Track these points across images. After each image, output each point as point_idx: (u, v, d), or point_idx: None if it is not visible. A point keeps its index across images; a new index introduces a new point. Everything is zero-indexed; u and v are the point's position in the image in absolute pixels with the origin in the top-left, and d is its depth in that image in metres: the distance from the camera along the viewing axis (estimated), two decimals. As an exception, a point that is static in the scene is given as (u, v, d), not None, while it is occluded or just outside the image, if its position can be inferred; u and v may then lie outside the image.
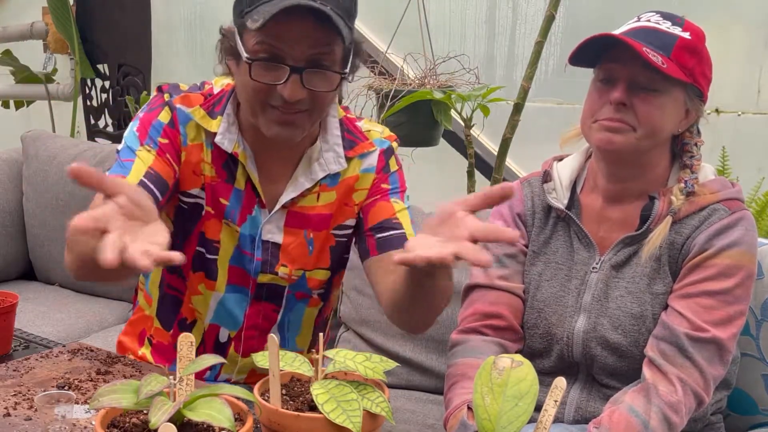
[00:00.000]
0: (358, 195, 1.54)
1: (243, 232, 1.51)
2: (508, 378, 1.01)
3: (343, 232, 1.56)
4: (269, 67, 1.34)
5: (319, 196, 1.52)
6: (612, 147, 1.40)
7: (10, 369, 1.43)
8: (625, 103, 1.37)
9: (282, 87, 1.34)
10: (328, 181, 1.52)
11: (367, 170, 1.54)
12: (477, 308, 1.53)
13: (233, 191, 1.50)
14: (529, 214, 1.55)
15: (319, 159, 1.50)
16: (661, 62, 1.33)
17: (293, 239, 1.52)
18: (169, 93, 1.50)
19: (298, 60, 1.33)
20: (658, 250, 1.41)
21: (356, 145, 1.53)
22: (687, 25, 1.40)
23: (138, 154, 1.43)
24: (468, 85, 2.62)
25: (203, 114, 1.48)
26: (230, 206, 1.50)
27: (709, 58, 1.41)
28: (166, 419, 0.96)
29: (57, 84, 4.04)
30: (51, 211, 2.68)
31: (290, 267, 1.53)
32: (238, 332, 1.58)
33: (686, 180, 1.41)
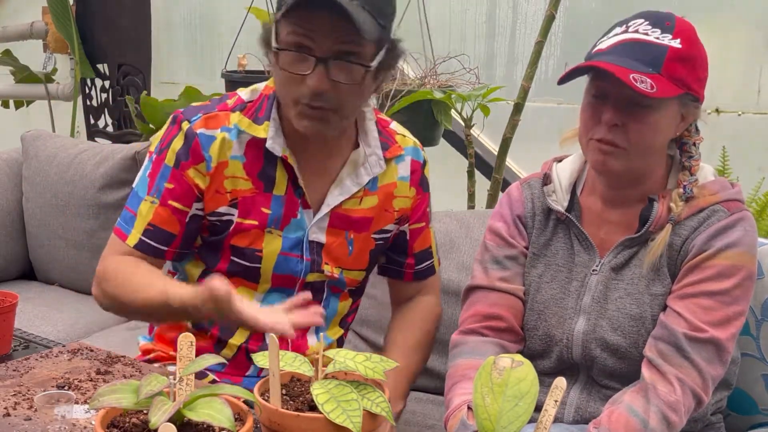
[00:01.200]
0: (398, 202, 1.61)
1: (287, 235, 1.53)
2: (508, 378, 1.01)
3: (382, 236, 1.62)
4: (297, 57, 1.38)
5: (362, 200, 1.56)
6: (606, 169, 1.41)
7: (10, 369, 1.43)
8: (618, 124, 1.36)
9: (309, 77, 1.37)
10: (370, 185, 1.56)
11: (403, 178, 1.61)
12: (477, 309, 1.53)
13: (272, 199, 1.51)
14: (529, 216, 1.54)
15: (365, 163, 1.55)
16: (650, 86, 1.30)
17: (334, 239, 1.56)
18: (187, 120, 1.51)
19: (324, 51, 1.37)
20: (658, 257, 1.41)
21: (389, 147, 1.58)
22: (677, 29, 1.36)
23: (140, 207, 1.51)
24: (468, 85, 2.63)
25: (249, 122, 1.50)
26: (273, 214, 1.51)
27: (702, 56, 1.38)
28: (166, 419, 0.96)
29: (57, 84, 4.04)
30: (51, 211, 2.67)
31: (332, 265, 1.57)
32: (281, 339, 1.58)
33: (685, 185, 1.40)
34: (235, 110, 1.51)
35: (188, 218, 1.51)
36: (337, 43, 1.37)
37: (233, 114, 1.51)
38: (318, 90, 1.38)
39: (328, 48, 1.37)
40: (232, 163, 1.49)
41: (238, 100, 1.54)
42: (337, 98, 1.40)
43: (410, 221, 1.65)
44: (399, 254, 1.67)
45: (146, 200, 1.51)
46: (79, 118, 3.84)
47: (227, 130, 1.50)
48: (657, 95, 1.31)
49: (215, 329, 1.58)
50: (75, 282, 2.67)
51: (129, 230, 1.51)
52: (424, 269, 1.69)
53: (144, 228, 1.50)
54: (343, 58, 1.38)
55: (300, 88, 1.39)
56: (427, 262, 1.69)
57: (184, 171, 1.49)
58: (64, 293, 2.66)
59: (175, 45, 4.13)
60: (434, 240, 1.71)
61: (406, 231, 1.65)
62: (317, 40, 1.36)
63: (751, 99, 2.74)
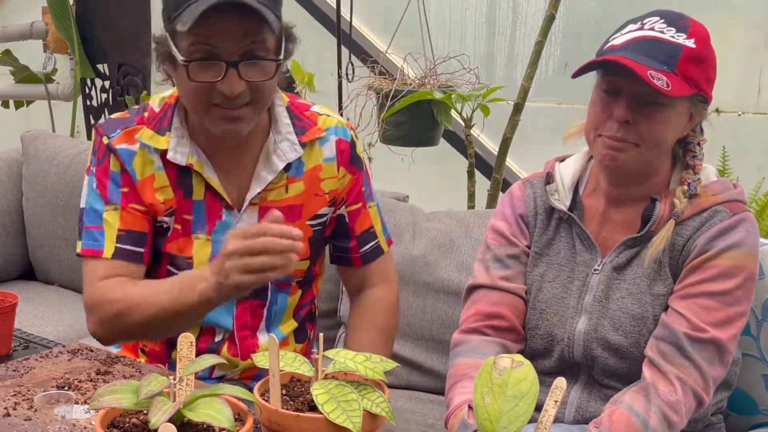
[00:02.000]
0: (327, 184, 1.58)
1: (215, 238, 1.52)
2: (508, 378, 1.00)
3: (318, 221, 1.60)
4: (205, 66, 1.38)
5: (288, 188, 1.55)
6: (615, 164, 1.40)
7: (10, 369, 1.43)
8: (629, 121, 1.36)
9: (221, 83, 1.38)
10: (294, 171, 1.55)
11: (328, 159, 1.58)
12: (479, 309, 1.53)
13: (193, 204, 1.52)
14: (531, 215, 1.54)
15: (276, 150, 1.53)
16: (666, 84, 1.30)
17: None
18: (106, 135, 1.52)
19: (232, 55, 1.37)
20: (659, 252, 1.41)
21: (307, 130, 1.57)
22: (691, 29, 1.37)
23: (105, 218, 1.50)
24: (468, 85, 2.63)
25: (151, 134, 1.51)
26: (195, 219, 1.52)
27: (713, 58, 1.39)
28: (166, 419, 0.96)
29: (57, 84, 4.04)
30: (51, 211, 2.67)
31: None
32: (231, 335, 1.58)
33: (689, 182, 1.40)
34: (147, 123, 1.53)
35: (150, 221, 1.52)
36: (244, 44, 1.38)
37: (144, 126, 1.52)
38: (233, 94, 1.38)
39: (236, 50, 1.37)
40: (158, 174, 1.51)
41: (150, 111, 1.54)
42: (251, 96, 1.41)
43: (346, 203, 1.62)
44: (342, 239, 1.64)
45: (108, 210, 1.50)
46: (79, 118, 3.84)
47: (145, 146, 1.51)
48: (672, 94, 1.31)
49: None
50: (75, 282, 2.67)
51: (101, 245, 1.49)
52: (370, 251, 1.65)
53: (116, 235, 1.49)
54: (252, 57, 1.39)
55: (212, 94, 1.40)
56: (371, 243, 1.66)
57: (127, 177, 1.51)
58: (64, 293, 2.66)
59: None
60: (379, 220, 1.68)
61: (345, 214, 1.63)
62: (223, 45, 1.37)
63: (751, 99, 2.74)
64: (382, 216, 1.70)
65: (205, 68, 1.38)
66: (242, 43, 1.37)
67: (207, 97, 1.40)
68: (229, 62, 1.37)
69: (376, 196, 1.69)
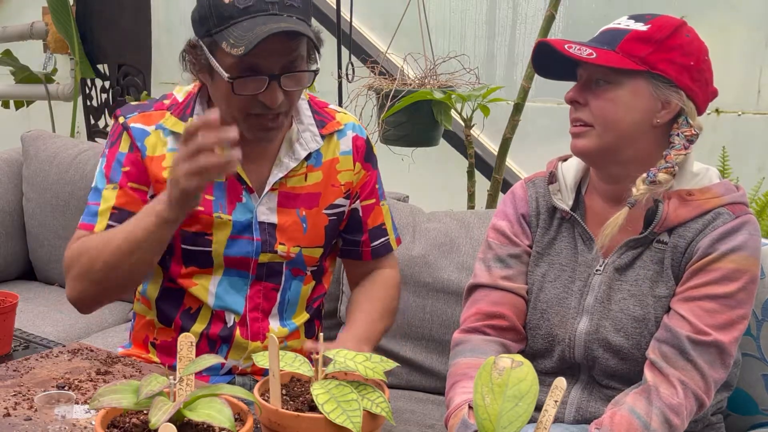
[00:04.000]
0: (343, 176, 1.65)
1: (236, 219, 1.57)
2: (508, 378, 1.01)
3: (334, 211, 1.65)
4: (249, 80, 1.44)
5: (307, 176, 1.61)
6: (579, 151, 1.44)
7: (10, 369, 1.43)
8: (580, 101, 1.41)
9: (263, 95, 1.45)
10: (313, 161, 1.62)
11: (345, 153, 1.66)
12: (480, 308, 1.53)
13: (215, 185, 1.56)
14: (533, 215, 1.54)
15: (299, 140, 1.60)
16: (589, 54, 1.35)
17: (287, 218, 1.60)
18: (123, 116, 1.60)
19: (273, 68, 1.44)
20: (660, 252, 1.41)
21: (326, 123, 1.65)
22: (653, 21, 1.38)
23: (103, 195, 1.56)
24: (468, 85, 2.63)
25: (175, 120, 1.58)
26: (216, 200, 1.56)
27: (685, 45, 1.37)
28: (166, 419, 0.96)
29: (57, 84, 4.04)
30: (51, 211, 2.67)
31: (287, 245, 1.60)
32: (243, 317, 1.60)
33: (650, 170, 1.39)
34: (170, 109, 1.60)
35: (149, 198, 1.55)
36: (285, 59, 1.44)
37: (167, 113, 1.59)
38: (275, 105, 1.45)
39: (278, 65, 1.44)
40: (170, 155, 1.55)
41: (173, 100, 1.62)
42: (288, 104, 1.49)
43: (360, 197, 1.69)
44: (354, 233, 1.70)
45: (107, 189, 1.55)
46: (79, 118, 3.84)
47: (161, 128, 1.58)
48: (597, 62, 1.35)
49: (178, 319, 1.62)
50: (75, 282, 2.67)
51: (95, 220, 1.54)
52: (380, 246, 1.72)
53: (110, 213, 1.54)
54: (293, 70, 1.46)
55: (251, 104, 1.46)
56: (382, 239, 1.73)
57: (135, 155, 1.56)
58: (64, 293, 2.65)
59: (175, 45, 4.12)
60: (390, 219, 1.75)
61: (359, 208, 1.69)
62: (267, 62, 1.43)
63: (751, 99, 2.74)
64: (392, 216, 1.77)
65: (248, 82, 1.44)
66: (285, 58, 1.44)
67: (247, 107, 1.47)
68: (272, 75, 1.43)
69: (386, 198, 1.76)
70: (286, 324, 1.65)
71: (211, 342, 1.61)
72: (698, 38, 1.40)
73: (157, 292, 1.63)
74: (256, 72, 1.43)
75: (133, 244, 1.44)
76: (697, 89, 1.39)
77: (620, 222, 1.39)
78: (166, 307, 1.63)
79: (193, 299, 1.61)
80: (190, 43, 1.50)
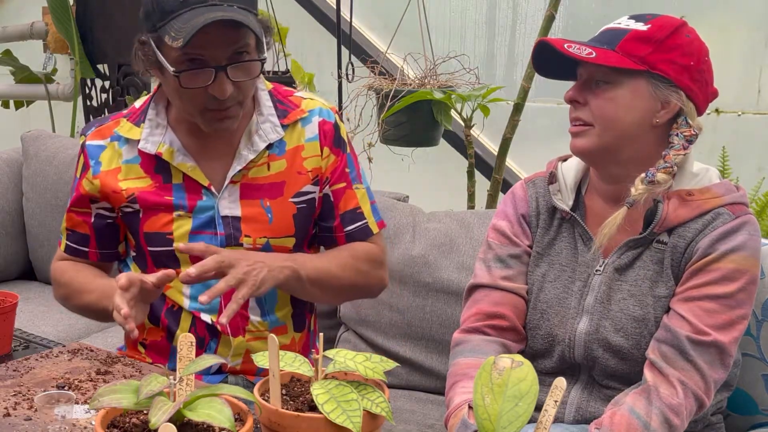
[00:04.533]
0: (309, 162, 1.63)
1: (197, 215, 1.58)
2: (508, 378, 1.01)
3: (302, 199, 1.63)
4: (196, 72, 1.45)
5: (269, 165, 1.60)
6: (578, 150, 1.44)
7: (10, 369, 1.43)
8: (580, 101, 1.41)
9: (212, 87, 1.45)
10: (276, 150, 1.61)
11: (311, 139, 1.63)
12: (480, 308, 1.53)
13: (173, 188, 1.58)
14: (533, 215, 1.54)
15: (258, 131, 1.60)
16: (588, 53, 1.35)
17: (251, 210, 1.59)
18: (83, 134, 1.66)
19: (219, 60, 1.45)
20: (660, 252, 1.41)
21: (289, 113, 1.63)
22: (653, 21, 1.39)
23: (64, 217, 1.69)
24: (468, 85, 2.63)
25: (129, 126, 1.61)
26: (176, 199, 1.58)
27: (685, 45, 1.38)
28: (166, 419, 0.96)
29: (57, 84, 4.04)
30: (51, 211, 2.67)
31: (253, 237, 1.59)
32: (219, 314, 1.58)
33: (649, 170, 1.39)
34: (127, 116, 1.63)
35: (93, 218, 1.65)
36: (230, 49, 1.45)
37: (122, 120, 1.62)
38: (224, 96, 1.46)
39: (223, 56, 1.44)
40: (126, 167, 1.60)
41: (131, 108, 1.65)
42: (241, 94, 1.49)
43: (330, 182, 1.65)
44: (327, 219, 1.67)
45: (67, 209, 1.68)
46: (79, 118, 3.84)
47: (116, 139, 1.61)
48: (595, 61, 1.35)
49: (163, 317, 1.63)
50: (75, 282, 2.67)
51: (62, 237, 1.71)
52: (356, 230, 1.66)
53: (66, 233, 1.69)
54: (239, 60, 1.46)
55: (202, 97, 1.47)
56: (358, 222, 1.66)
57: (80, 181, 1.64)
58: (64, 293, 2.66)
59: (175, 45, 4.12)
60: (367, 202, 1.69)
61: (329, 193, 1.66)
62: (211, 53, 1.44)
63: (751, 99, 2.74)
64: (372, 199, 1.71)
65: (195, 75, 1.45)
66: (229, 48, 1.45)
67: (198, 101, 1.48)
68: (218, 67, 1.44)
69: (366, 181, 1.72)
70: (267, 317, 1.63)
71: (200, 339, 1.60)
72: (699, 39, 1.40)
73: None
74: (201, 64, 1.44)
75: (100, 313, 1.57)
76: (697, 89, 1.39)
77: (619, 222, 1.39)
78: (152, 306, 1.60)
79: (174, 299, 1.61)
80: (139, 40, 1.52)
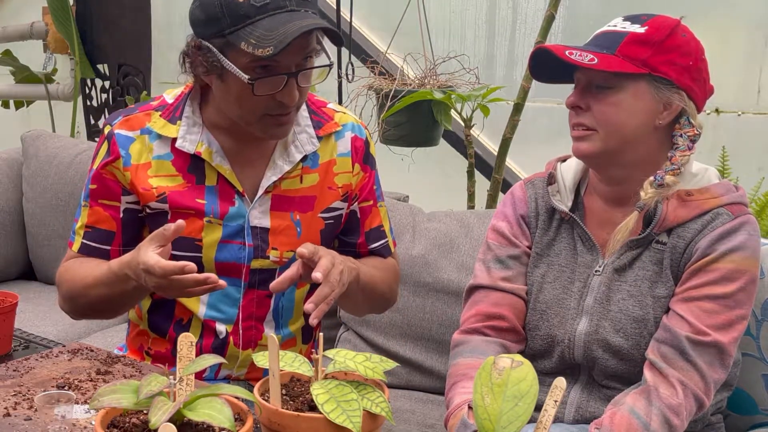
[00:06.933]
0: (340, 178, 1.60)
1: (227, 223, 1.54)
2: (508, 378, 1.01)
3: (331, 215, 1.60)
4: (269, 80, 1.40)
5: (302, 178, 1.57)
6: (581, 154, 1.43)
7: (10, 369, 1.43)
8: (581, 106, 1.41)
9: (281, 94, 1.41)
10: (310, 163, 1.58)
11: (343, 154, 1.61)
12: (479, 309, 1.53)
13: (206, 190, 1.53)
14: (532, 216, 1.54)
15: (294, 141, 1.56)
16: (590, 59, 1.34)
17: (280, 222, 1.55)
18: (109, 124, 1.56)
19: (290, 66, 1.41)
20: (659, 252, 1.41)
21: (323, 124, 1.60)
22: (649, 22, 1.38)
23: (80, 212, 1.58)
24: (468, 85, 2.63)
25: (163, 123, 1.53)
26: (208, 204, 1.53)
27: (683, 45, 1.38)
28: (166, 419, 0.96)
29: (57, 84, 4.04)
30: (51, 211, 2.67)
31: (280, 250, 1.56)
32: (235, 325, 1.57)
33: (657, 173, 1.40)
34: (158, 110, 1.55)
35: (122, 212, 1.55)
36: (301, 54, 1.41)
37: (154, 113, 1.54)
38: (293, 103, 1.43)
39: (293, 62, 1.41)
40: (156, 163, 1.53)
41: (161, 101, 1.57)
42: (301, 99, 1.46)
43: (359, 199, 1.64)
44: (351, 235, 1.65)
45: (82, 206, 1.57)
46: (79, 118, 3.84)
47: (146, 132, 1.53)
48: (599, 67, 1.35)
49: (171, 330, 1.59)
50: (75, 282, 2.67)
51: (74, 238, 1.59)
52: (378, 248, 1.67)
53: (84, 231, 1.57)
54: (307, 65, 1.44)
55: (267, 103, 1.42)
56: (381, 240, 1.68)
57: (103, 169, 1.54)
58: (64, 293, 2.66)
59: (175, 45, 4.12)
60: (388, 221, 1.71)
61: (356, 210, 1.65)
62: (285, 58, 1.39)
63: (751, 99, 2.74)
64: (389, 218, 1.72)
65: (268, 82, 1.40)
66: (301, 54, 1.41)
67: (261, 106, 1.43)
68: (289, 73, 1.41)
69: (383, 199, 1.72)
70: (281, 331, 1.61)
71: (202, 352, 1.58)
72: (694, 37, 1.40)
73: (149, 303, 1.61)
74: (275, 71, 1.39)
75: (115, 301, 1.50)
76: (697, 89, 1.39)
77: (631, 226, 1.40)
78: (157, 319, 1.61)
79: (184, 310, 1.58)
80: (194, 45, 1.43)
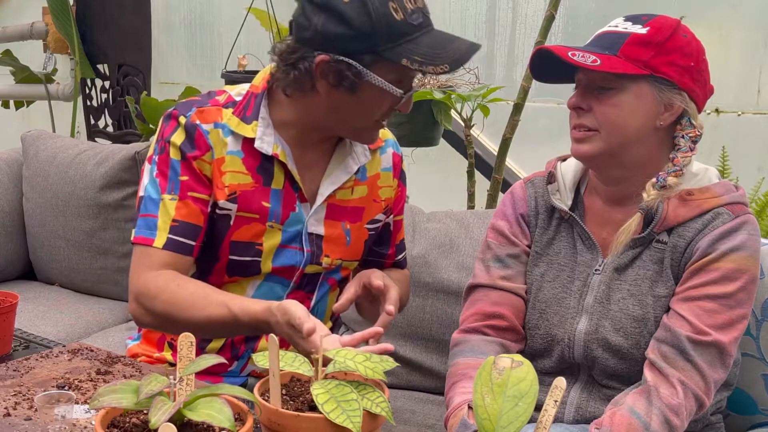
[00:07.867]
0: (384, 192, 1.66)
1: (287, 228, 1.54)
2: (508, 378, 1.01)
3: (374, 226, 1.66)
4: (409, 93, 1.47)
5: (353, 189, 1.61)
6: (582, 155, 1.43)
7: (10, 369, 1.43)
8: (583, 107, 1.41)
9: (404, 105, 1.47)
10: (359, 175, 1.61)
11: (386, 169, 1.66)
12: (479, 308, 1.53)
13: (271, 192, 1.53)
14: (532, 215, 1.54)
15: (351, 153, 1.59)
16: (593, 61, 1.34)
17: (333, 230, 1.59)
18: (183, 114, 1.50)
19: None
20: (659, 252, 1.41)
21: None
22: (651, 22, 1.38)
23: (160, 207, 1.48)
24: (468, 85, 2.63)
25: (237, 121, 1.50)
26: (272, 207, 1.53)
27: (684, 45, 1.38)
28: (166, 419, 0.96)
29: (57, 84, 4.04)
30: (51, 211, 2.67)
31: (331, 257, 1.60)
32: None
33: (659, 174, 1.40)
34: (227, 107, 1.52)
35: (209, 207, 1.50)
36: None
37: (225, 110, 1.51)
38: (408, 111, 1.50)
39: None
40: (229, 158, 1.50)
41: (228, 97, 1.54)
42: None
43: (393, 212, 1.70)
44: (382, 246, 1.71)
45: (164, 199, 1.48)
46: (80, 118, 3.84)
47: (220, 126, 1.50)
48: (602, 68, 1.35)
49: None
50: (75, 282, 2.67)
51: (154, 233, 1.47)
52: (402, 260, 1.77)
53: (170, 226, 1.47)
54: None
55: (382, 112, 1.47)
56: (403, 252, 1.77)
57: (193, 161, 1.48)
58: (64, 293, 2.66)
59: (175, 45, 4.13)
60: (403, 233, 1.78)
61: (390, 223, 1.70)
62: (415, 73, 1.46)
63: (751, 99, 2.74)
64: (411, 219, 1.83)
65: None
66: None
67: (377, 114, 1.48)
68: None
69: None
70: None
71: (234, 348, 1.59)
72: (695, 38, 1.40)
73: None
74: (410, 85, 1.47)
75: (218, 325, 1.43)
76: (698, 89, 1.39)
77: (634, 228, 1.40)
78: None
79: None
80: (332, 60, 1.39)
